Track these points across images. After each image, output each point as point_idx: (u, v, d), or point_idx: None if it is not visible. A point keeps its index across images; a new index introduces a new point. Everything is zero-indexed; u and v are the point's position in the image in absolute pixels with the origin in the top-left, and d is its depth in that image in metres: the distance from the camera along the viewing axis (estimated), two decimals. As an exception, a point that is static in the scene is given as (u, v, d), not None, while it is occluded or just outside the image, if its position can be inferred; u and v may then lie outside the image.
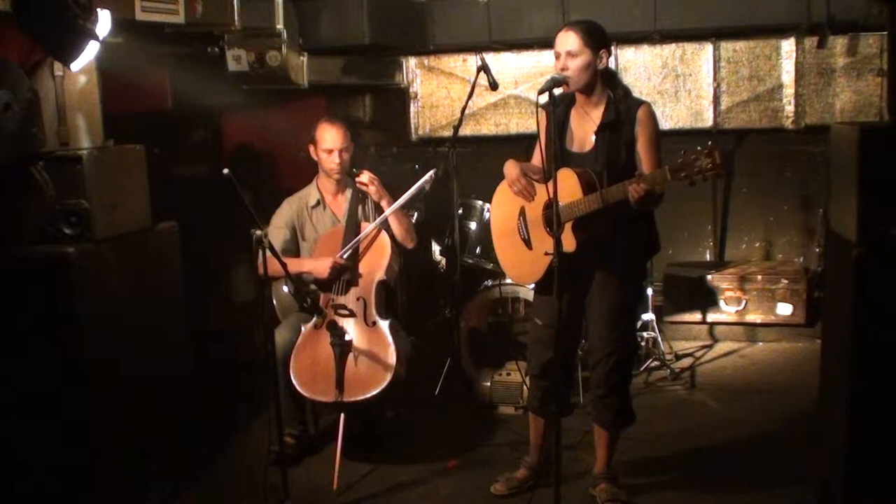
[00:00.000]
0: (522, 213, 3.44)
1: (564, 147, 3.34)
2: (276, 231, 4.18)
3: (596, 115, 3.31)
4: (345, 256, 4.00)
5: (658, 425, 4.26)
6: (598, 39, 3.26)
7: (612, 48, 5.67)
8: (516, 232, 3.47)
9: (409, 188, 4.07)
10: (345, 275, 4.02)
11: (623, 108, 3.28)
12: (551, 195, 2.93)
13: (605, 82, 3.32)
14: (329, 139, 4.14)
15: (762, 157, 5.77)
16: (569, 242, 3.18)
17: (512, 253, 3.52)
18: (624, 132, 3.26)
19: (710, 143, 2.93)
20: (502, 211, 3.55)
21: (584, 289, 3.39)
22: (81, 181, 3.32)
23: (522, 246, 3.45)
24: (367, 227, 4.05)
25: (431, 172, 4.11)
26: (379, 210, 4.18)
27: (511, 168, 3.41)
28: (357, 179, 4.15)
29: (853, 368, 2.87)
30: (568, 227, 3.18)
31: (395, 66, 6.24)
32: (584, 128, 3.34)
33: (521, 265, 3.50)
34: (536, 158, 3.52)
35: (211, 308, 5.55)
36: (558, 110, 3.31)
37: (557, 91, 3.13)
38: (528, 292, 4.48)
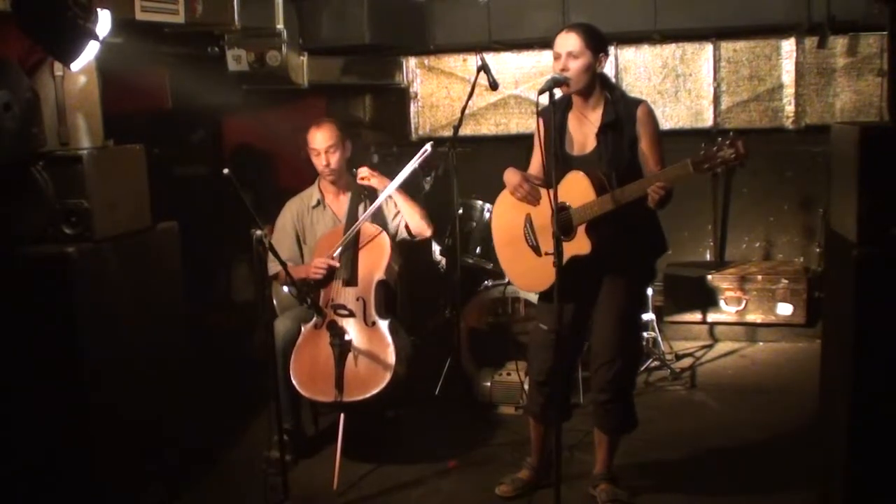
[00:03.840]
0: (529, 219, 3.39)
1: (564, 151, 3.32)
2: (283, 239, 4.19)
3: (594, 117, 3.30)
4: (335, 255, 3.99)
5: (658, 425, 4.25)
6: (599, 42, 3.27)
7: (611, 50, 5.76)
8: (522, 239, 3.42)
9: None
10: (342, 274, 4.02)
11: (622, 108, 3.28)
12: (559, 198, 2.92)
13: (601, 85, 3.32)
14: (313, 140, 4.15)
15: (762, 157, 5.77)
16: (583, 245, 3.17)
17: (519, 261, 3.46)
18: (626, 132, 3.25)
19: (731, 133, 2.95)
20: (506, 219, 3.50)
21: (593, 293, 3.36)
22: (81, 181, 3.31)
23: (530, 253, 3.39)
24: (363, 217, 4.05)
25: (427, 146, 4.07)
26: (380, 209, 4.18)
27: (512, 175, 3.39)
28: (358, 180, 4.16)
29: (853, 368, 2.86)
30: (581, 229, 3.17)
31: (395, 66, 6.25)
32: (583, 130, 3.33)
33: (530, 272, 3.43)
34: (534, 166, 3.49)
35: (211, 308, 5.55)
36: (556, 115, 3.31)
37: (557, 91, 3.13)
38: (528, 293, 4.47)
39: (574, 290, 3.17)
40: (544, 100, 3.12)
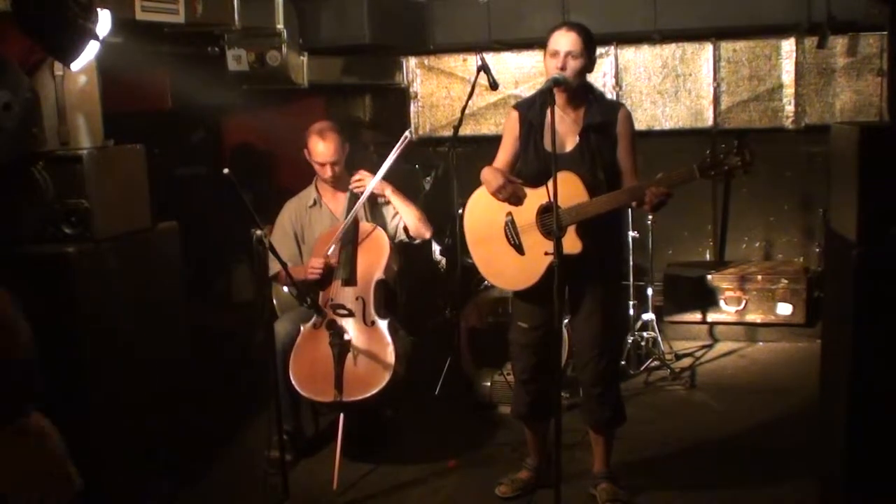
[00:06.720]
0: (510, 218, 3.37)
1: (543, 148, 3.30)
2: (284, 240, 4.18)
3: (575, 116, 3.30)
4: (330, 252, 3.98)
5: (658, 425, 4.26)
6: (594, 45, 3.30)
7: (611, 50, 5.77)
8: (502, 238, 3.39)
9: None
10: (341, 273, 4.01)
11: (604, 109, 3.30)
12: (551, 197, 2.91)
13: (584, 86, 3.33)
14: (319, 153, 4.14)
15: (762, 157, 5.70)
16: (575, 244, 3.19)
17: (497, 259, 3.43)
18: (609, 133, 3.28)
19: (736, 141, 2.97)
20: (483, 217, 3.45)
21: (570, 289, 3.35)
22: (81, 181, 3.31)
23: (511, 252, 3.38)
24: (351, 214, 4.04)
25: (407, 133, 4.08)
26: (377, 207, 4.18)
27: (494, 175, 3.33)
28: (352, 187, 4.15)
29: (853, 368, 2.86)
30: (571, 229, 3.18)
31: (395, 66, 6.25)
32: (562, 128, 3.30)
33: (510, 271, 3.41)
34: (501, 160, 3.45)
35: (211, 308, 5.55)
36: (533, 111, 3.32)
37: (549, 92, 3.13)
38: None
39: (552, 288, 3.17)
40: (525, 93, 3.12)
